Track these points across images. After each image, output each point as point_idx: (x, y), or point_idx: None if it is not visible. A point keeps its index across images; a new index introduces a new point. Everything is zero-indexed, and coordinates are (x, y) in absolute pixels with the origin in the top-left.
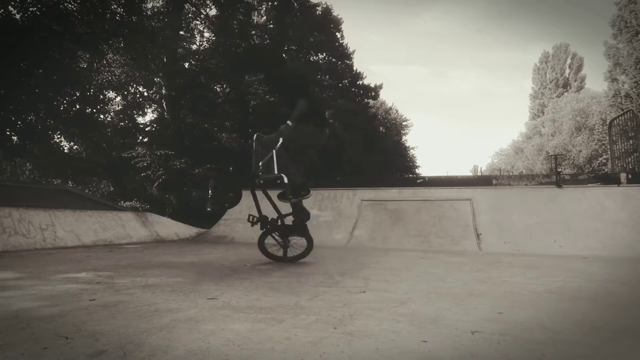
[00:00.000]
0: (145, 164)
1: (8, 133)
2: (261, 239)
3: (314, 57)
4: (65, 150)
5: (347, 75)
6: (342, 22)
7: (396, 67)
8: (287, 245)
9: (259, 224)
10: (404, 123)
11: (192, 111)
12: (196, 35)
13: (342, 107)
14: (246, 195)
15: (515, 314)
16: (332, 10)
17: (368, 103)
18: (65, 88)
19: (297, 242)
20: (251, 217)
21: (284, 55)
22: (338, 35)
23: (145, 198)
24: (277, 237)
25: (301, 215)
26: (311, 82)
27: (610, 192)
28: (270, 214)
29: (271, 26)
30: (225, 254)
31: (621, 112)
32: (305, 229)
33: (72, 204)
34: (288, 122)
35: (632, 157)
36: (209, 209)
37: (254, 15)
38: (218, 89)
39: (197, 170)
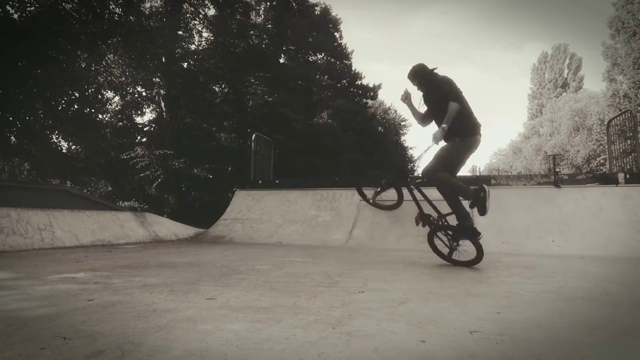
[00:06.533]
0: (143, 164)
1: (6, 133)
2: (430, 237)
3: (313, 57)
4: (64, 151)
5: (345, 75)
6: (341, 22)
7: (395, 66)
8: (454, 247)
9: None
10: (402, 123)
11: (190, 111)
12: (195, 35)
13: (341, 107)
14: (241, 196)
15: (514, 314)
16: (331, 10)
17: (367, 103)
18: (63, 88)
19: (466, 249)
20: (417, 215)
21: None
22: (337, 35)
23: (144, 198)
24: (442, 237)
25: (463, 220)
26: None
27: (608, 192)
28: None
29: (270, 26)
30: (224, 254)
31: (619, 112)
32: (474, 233)
33: (70, 204)
34: (443, 125)
35: (630, 157)
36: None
37: (252, 15)
38: (216, 89)
39: (195, 171)
